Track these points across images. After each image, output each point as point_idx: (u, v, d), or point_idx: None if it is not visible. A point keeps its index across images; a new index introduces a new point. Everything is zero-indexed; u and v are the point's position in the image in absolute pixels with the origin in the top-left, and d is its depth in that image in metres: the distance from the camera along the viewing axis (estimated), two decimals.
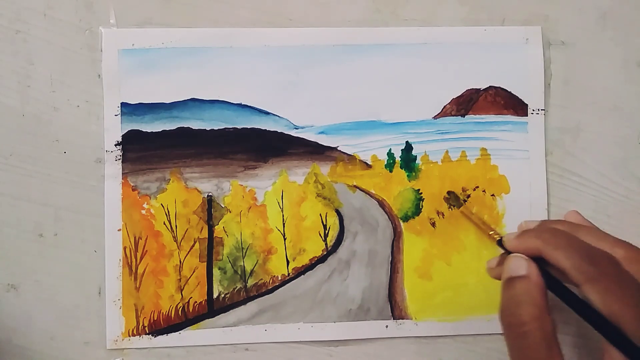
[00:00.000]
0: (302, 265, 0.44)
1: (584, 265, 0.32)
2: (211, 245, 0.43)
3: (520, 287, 0.33)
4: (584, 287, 0.32)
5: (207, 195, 0.44)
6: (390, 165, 0.44)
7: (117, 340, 0.42)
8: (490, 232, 0.40)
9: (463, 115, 0.45)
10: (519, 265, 0.34)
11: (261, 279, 0.43)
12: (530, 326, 0.32)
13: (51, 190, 0.43)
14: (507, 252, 0.36)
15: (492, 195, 0.45)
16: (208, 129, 0.44)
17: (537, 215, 0.44)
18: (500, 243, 0.38)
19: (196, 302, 0.43)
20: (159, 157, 0.43)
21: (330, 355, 0.44)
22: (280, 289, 0.44)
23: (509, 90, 0.45)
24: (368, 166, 0.44)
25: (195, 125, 0.43)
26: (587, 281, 0.32)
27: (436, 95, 0.45)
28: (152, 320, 0.43)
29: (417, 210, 0.44)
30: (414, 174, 0.44)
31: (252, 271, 0.43)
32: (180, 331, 0.43)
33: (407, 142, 0.44)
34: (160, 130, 0.43)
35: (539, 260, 0.34)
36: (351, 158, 0.44)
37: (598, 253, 0.33)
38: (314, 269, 0.44)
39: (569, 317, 0.33)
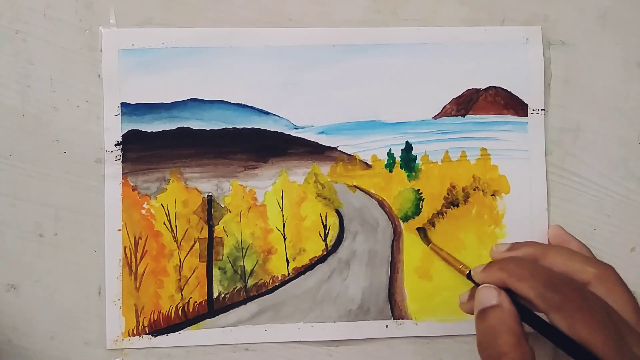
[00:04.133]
0: (302, 265, 0.44)
1: (547, 294, 0.32)
2: (211, 245, 0.43)
3: (494, 317, 0.33)
4: (550, 315, 0.32)
5: (207, 195, 0.44)
6: (390, 165, 0.44)
7: (117, 340, 0.42)
8: (460, 266, 0.41)
9: (463, 115, 0.45)
10: (489, 295, 0.34)
11: (261, 279, 0.43)
12: (510, 355, 0.31)
13: (51, 190, 0.43)
14: (477, 285, 0.37)
15: (492, 195, 0.45)
16: (208, 129, 0.44)
17: (537, 215, 0.44)
18: (469, 277, 0.39)
19: (196, 302, 0.43)
20: (159, 157, 0.43)
21: (330, 355, 0.44)
22: (280, 289, 0.44)
23: (509, 90, 0.45)
24: (368, 166, 0.44)
25: (195, 125, 0.43)
26: (553, 309, 0.32)
27: (436, 95, 0.45)
28: (152, 320, 0.43)
29: (417, 210, 0.44)
30: (414, 174, 0.44)
31: (252, 271, 0.43)
32: (180, 331, 0.43)
33: (407, 142, 0.44)
34: (160, 130, 0.43)
35: (508, 291, 0.34)
36: (351, 158, 0.44)
37: (561, 280, 0.33)
38: (314, 269, 0.44)
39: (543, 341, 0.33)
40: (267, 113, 0.44)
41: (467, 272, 0.39)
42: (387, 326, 0.44)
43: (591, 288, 0.34)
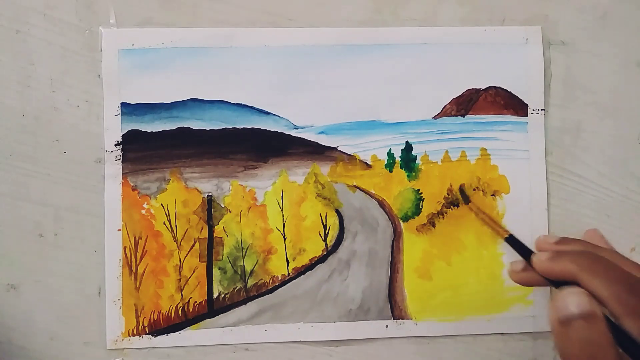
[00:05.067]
0: (302, 265, 0.44)
1: (625, 296, 0.29)
2: (211, 245, 0.43)
3: (593, 328, 0.29)
4: (625, 320, 0.29)
5: (207, 195, 0.44)
6: (390, 165, 0.44)
7: (117, 340, 0.42)
8: (499, 230, 0.41)
9: (463, 115, 0.45)
10: (583, 302, 0.30)
11: (261, 279, 0.43)
12: None
13: (51, 190, 0.43)
14: (526, 259, 0.36)
15: (492, 195, 0.45)
16: (208, 129, 0.44)
17: (537, 215, 0.44)
18: (510, 240, 0.39)
19: (196, 302, 0.43)
20: (159, 157, 0.43)
21: (330, 355, 0.44)
22: (280, 289, 0.44)
23: (509, 90, 0.45)
24: (368, 166, 0.44)
25: (195, 125, 0.43)
26: (629, 314, 0.29)
27: (436, 95, 0.45)
28: (152, 320, 0.43)
29: (417, 210, 0.44)
30: (414, 174, 0.44)
31: (252, 271, 0.43)
32: (180, 331, 0.43)
33: (407, 142, 0.44)
34: (160, 130, 0.43)
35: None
36: (351, 158, 0.44)
37: (639, 283, 0.30)
38: (314, 269, 0.44)
39: None
40: (267, 113, 0.44)
41: (506, 235, 0.40)
42: (387, 326, 0.44)
43: None
